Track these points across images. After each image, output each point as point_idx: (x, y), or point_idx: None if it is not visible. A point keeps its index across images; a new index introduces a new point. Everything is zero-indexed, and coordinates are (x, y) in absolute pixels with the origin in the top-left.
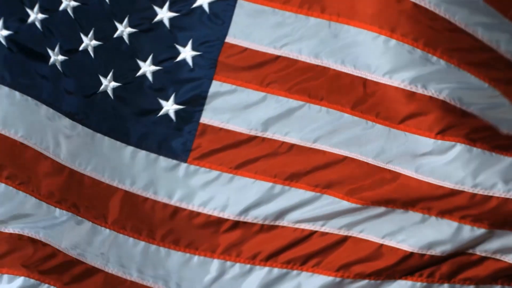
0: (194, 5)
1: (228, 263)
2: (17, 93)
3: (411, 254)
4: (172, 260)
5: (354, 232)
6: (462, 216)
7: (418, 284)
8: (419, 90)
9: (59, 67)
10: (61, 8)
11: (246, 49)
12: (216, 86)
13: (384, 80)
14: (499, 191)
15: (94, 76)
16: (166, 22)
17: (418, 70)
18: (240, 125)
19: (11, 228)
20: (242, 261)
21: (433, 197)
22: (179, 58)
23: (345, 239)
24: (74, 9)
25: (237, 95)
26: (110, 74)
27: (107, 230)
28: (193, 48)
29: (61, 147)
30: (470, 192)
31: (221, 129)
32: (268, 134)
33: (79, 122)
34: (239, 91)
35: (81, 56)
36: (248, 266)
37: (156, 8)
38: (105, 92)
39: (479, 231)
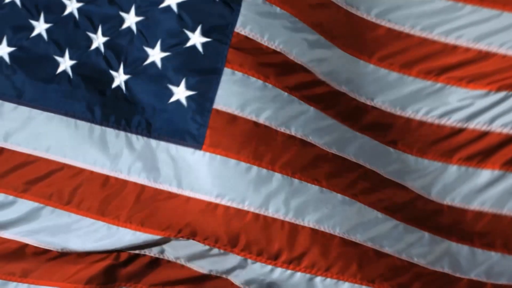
0: None
1: (249, 261)
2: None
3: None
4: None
5: (376, 245)
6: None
7: None
8: None
9: (69, 72)
10: (66, 12)
11: (254, 41)
12: (228, 73)
13: None
14: None
15: (105, 72)
16: (174, 7)
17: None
18: (251, 113)
19: None
20: (263, 260)
21: None
22: (188, 44)
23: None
24: (79, 10)
25: (249, 83)
26: (121, 67)
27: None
28: (203, 34)
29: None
30: None
31: (234, 116)
32: (277, 126)
33: (91, 122)
34: (250, 79)
35: (94, 55)
36: (270, 267)
37: None
38: (117, 86)
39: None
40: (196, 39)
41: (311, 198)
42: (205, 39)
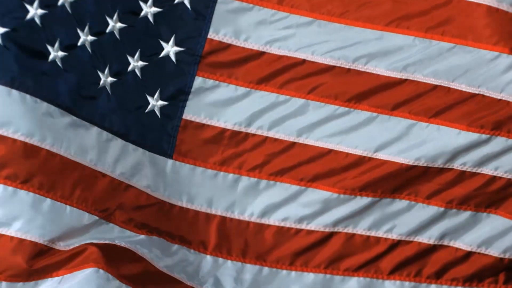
0: (176, 1)
1: (220, 259)
2: (14, 91)
3: (399, 242)
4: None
5: (339, 228)
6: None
7: (406, 283)
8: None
9: (59, 63)
10: (59, 3)
11: (229, 45)
12: (199, 82)
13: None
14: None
15: (93, 71)
16: (150, 18)
17: None
18: (224, 121)
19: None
20: (233, 258)
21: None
22: (162, 54)
23: (331, 235)
24: (71, 4)
25: (221, 91)
26: (107, 69)
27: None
28: (177, 44)
29: (69, 143)
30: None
31: (203, 124)
32: (252, 130)
33: (79, 117)
34: (223, 86)
35: (80, 52)
36: (240, 263)
37: (141, 3)
38: (104, 87)
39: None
40: (170, 49)
41: None
42: (178, 49)
